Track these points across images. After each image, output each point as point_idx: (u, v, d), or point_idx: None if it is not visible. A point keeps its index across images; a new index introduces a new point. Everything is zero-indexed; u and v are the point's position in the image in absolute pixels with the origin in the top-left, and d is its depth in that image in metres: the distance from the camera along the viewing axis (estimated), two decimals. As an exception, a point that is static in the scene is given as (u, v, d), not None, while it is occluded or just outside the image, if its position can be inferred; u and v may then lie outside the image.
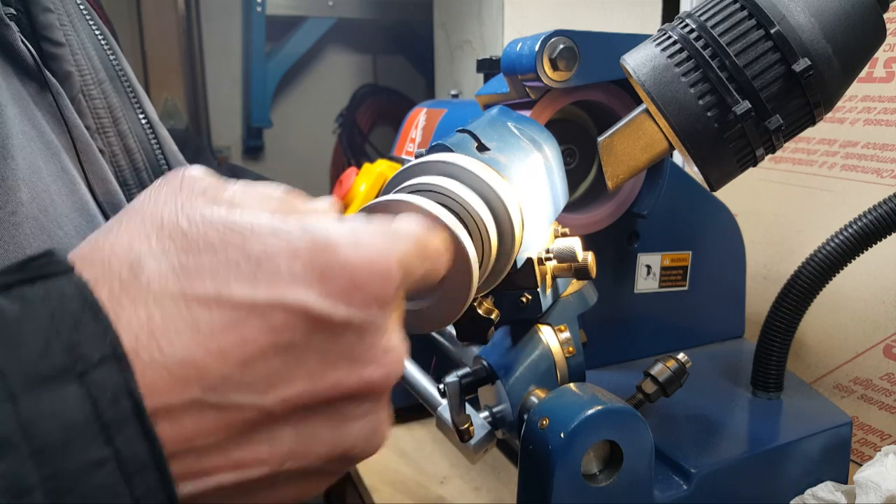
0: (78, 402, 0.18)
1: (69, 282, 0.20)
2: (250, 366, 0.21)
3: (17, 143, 0.38)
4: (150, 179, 0.52)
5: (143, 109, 0.53)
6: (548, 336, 0.46)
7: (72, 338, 0.19)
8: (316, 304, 0.22)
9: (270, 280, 0.21)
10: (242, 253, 0.22)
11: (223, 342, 0.21)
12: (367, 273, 0.23)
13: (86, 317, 0.19)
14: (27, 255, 0.21)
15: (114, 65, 0.52)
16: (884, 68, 0.65)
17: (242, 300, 0.21)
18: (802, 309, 0.53)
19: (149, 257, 0.21)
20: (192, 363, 0.20)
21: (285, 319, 0.21)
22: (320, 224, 0.23)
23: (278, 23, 1.61)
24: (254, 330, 0.21)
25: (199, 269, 0.21)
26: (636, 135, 0.43)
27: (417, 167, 0.35)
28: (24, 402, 0.18)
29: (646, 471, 0.42)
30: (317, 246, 0.22)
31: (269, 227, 0.22)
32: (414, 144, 0.82)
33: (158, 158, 0.53)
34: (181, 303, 0.21)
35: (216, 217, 0.22)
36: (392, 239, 0.25)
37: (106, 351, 0.19)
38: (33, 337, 0.19)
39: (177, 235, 0.22)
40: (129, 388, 0.19)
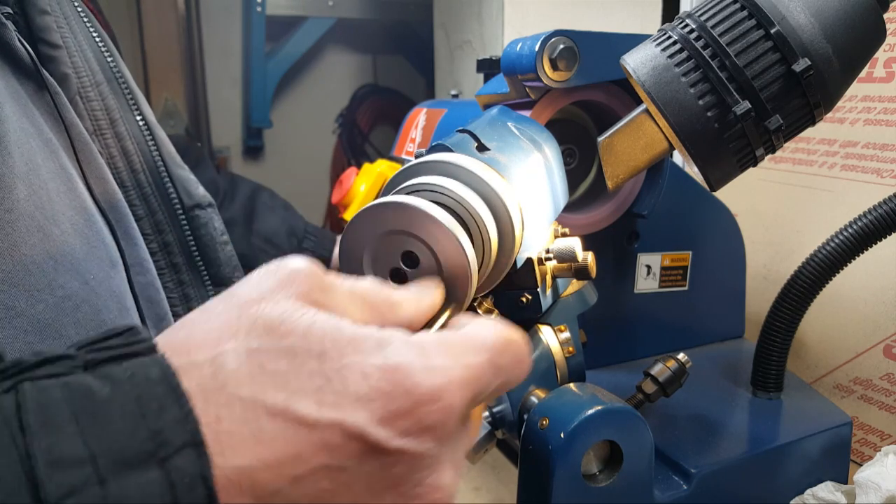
0: (159, 489, 0.19)
1: (155, 364, 0.21)
2: (301, 483, 0.21)
3: (14, 140, 0.38)
4: (148, 181, 0.52)
5: (140, 112, 0.53)
6: (548, 336, 0.46)
7: (156, 423, 0.20)
8: (373, 430, 0.22)
9: (336, 399, 0.22)
10: (318, 366, 0.22)
11: (281, 456, 0.21)
12: (431, 405, 0.23)
13: (169, 401, 0.20)
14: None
15: (111, 67, 0.52)
16: (884, 68, 0.65)
17: (307, 417, 0.21)
18: (802, 309, 0.53)
19: (231, 354, 0.22)
20: (248, 473, 0.21)
21: (342, 441, 0.22)
22: (395, 345, 0.23)
23: (278, 23, 1.61)
24: (311, 448, 0.21)
25: (275, 375, 0.22)
26: (636, 135, 0.43)
27: (417, 167, 0.35)
28: (111, 485, 0.18)
29: (646, 471, 0.42)
30: (386, 368, 0.23)
31: (349, 340, 0.23)
32: (414, 144, 0.82)
33: (156, 161, 0.53)
34: (250, 409, 0.21)
35: (303, 322, 0.23)
36: (462, 357, 0.24)
37: (187, 437, 0.20)
38: (122, 422, 0.19)
39: (264, 335, 0.22)
40: (204, 475, 0.20)
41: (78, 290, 0.39)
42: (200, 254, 0.55)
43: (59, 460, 0.18)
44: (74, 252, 0.39)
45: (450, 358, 0.24)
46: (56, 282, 0.37)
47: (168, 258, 0.53)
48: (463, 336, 0.26)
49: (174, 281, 0.53)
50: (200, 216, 0.55)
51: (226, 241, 0.57)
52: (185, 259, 0.54)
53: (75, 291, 0.38)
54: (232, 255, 0.58)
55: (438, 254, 0.30)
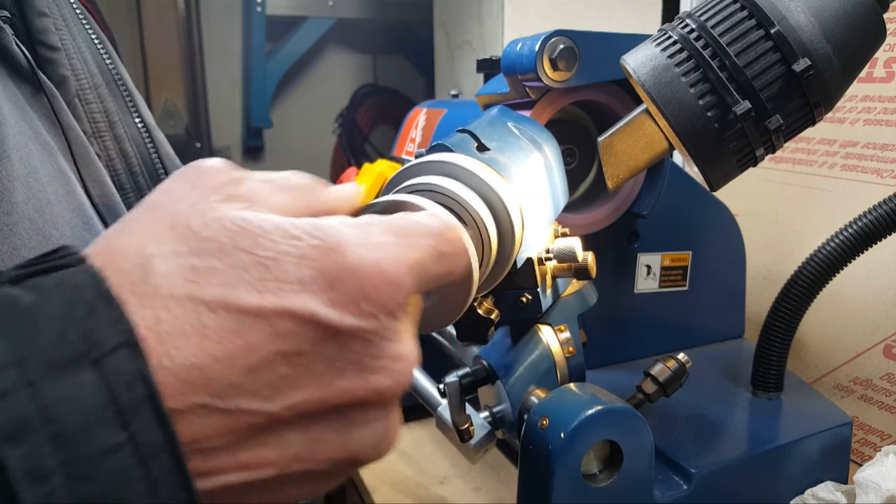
0: (94, 388, 0.18)
1: (83, 271, 0.20)
2: (257, 372, 0.21)
3: (13, 143, 0.38)
4: (147, 183, 0.52)
5: (139, 113, 0.53)
6: (548, 336, 0.46)
7: (87, 324, 0.19)
8: (323, 312, 0.22)
9: (278, 286, 0.21)
10: (251, 257, 0.22)
11: (230, 348, 0.21)
12: (377, 280, 0.22)
13: (99, 304, 0.19)
14: (24, 257, 0.21)
15: (110, 69, 0.52)
16: (884, 68, 0.65)
17: (250, 306, 0.21)
18: (802, 309, 0.53)
19: (159, 258, 0.21)
20: (199, 368, 0.20)
21: (292, 327, 0.21)
22: (331, 225, 0.23)
23: (278, 23, 1.61)
24: (261, 337, 0.21)
25: (209, 273, 0.21)
26: (636, 135, 0.43)
27: (417, 167, 0.35)
28: (42, 387, 0.18)
29: (646, 471, 0.42)
30: (326, 250, 0.22)
31: (279, 229, 0.22)
32: (414, 144, 0.82)
33: (155, 162, 0.53)
34: (189, 307, 0.21)
35: (228, 217, 0.22)
36: (405, 240, 0.24)
37: (120, 338, 0.19)
38: (49, 324, 0.19)
39: (188, 236, 0.22)
40: (143, 374, 0.19)
41: None
42: None
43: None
44: None
45: (391, 236, 0.24)
46: None
47: None
48: (404, 218, 0.25)
49: None
50: None
51: None
52: None
53: None
54: None
55: (438, 254, 0.30)
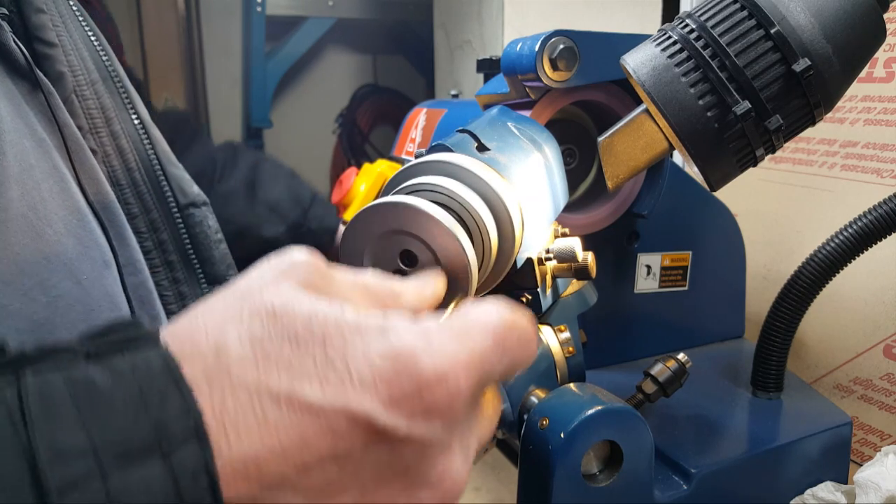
0: (161, 482, 0.19)
1: (157, 355, 0.21)
2: (307, 471, 0.21)
3: (8, 140, 0.38)
4: (143, 180, 0.52)
5: (135, 110, 0.53)
6: (548, 336, 0.46)
7: (159, 415, 0.19)
8: (379, 414, 0.22)
9: (341, 384, 0.22)
10: (322, 350, 0.22)
11: (286, 442, 0.21)
12: (436, 387, 0.22)
13: (172, 393, 0.20)
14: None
15: (106, 66, 0.52)
16: (884, 68, 0.65)
17: (312, 402, 0.21)
18: (802, 309, 0.53)
19: (236, 341, 0.22)
20: (254, 460, 0.20)
21: (348, 427, 0.21)
22: (398, 330, 0.23)
23: (278, 23, 1.61)
24: (317, 434, 0.21)
25: (279, 361, 0.22)
26: (636, 135, 0.43)
27: (417, 167, 0.35)
28: (113, 479, 0.18)
29: (646, 471, 0.42)
30: (389, 352, 0.22)
31: (353, 327, 0.23)
32: (414, 144, 0.82)
33: (151, 159, 0.53)
34: (255, 396, 0.21)
35: (308, 306, 0.23)
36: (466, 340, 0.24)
37: (189, 429, 0.20)
38: (123, 412, 0.19)
39: (267, 320, 0.22)
40: (207, 467, 0.19)
41: (71, 290, 0.39)
42: (195, 252, 0.55)
43: (61, 453, 0.18)
44: (67, 252, 0.39)
45: (454, 341, 0.24)
46: (49, 282, 0.37)
47: (163, 256, 0.53)
48: (466, 320, 0.25)
49: (169, 279, 0.53)
50: (195, 214, 0.55)
51: (220, 239, 0.57)
52: (179, 257, 0.54)
53: (68, 291, 0.38)
54: (226, 253, 0.58)
55: (438, 254, 0.30)
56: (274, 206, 0.80)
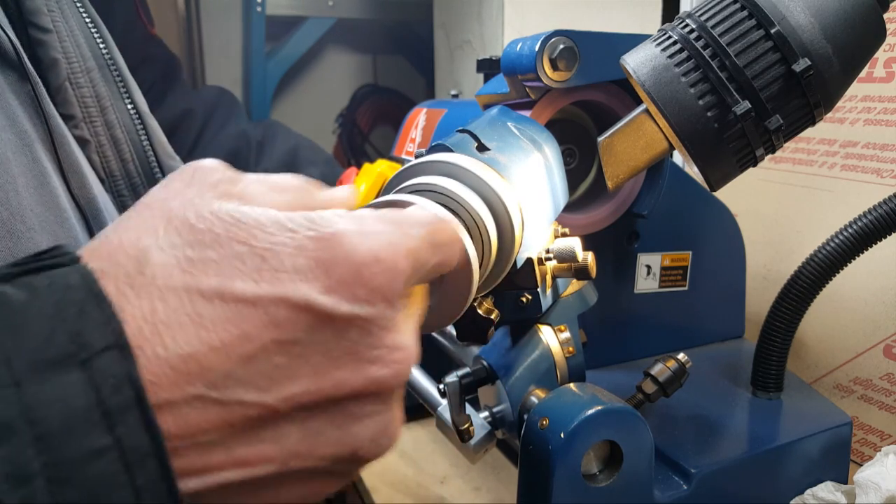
0: (80, 390, 0.18)
1: (75, 271, 0.20)
2: (253, 362, 0.21)
3: None
4: (137, 171, 0.51)
5: (131, 99, 0.52)
6: (548, 336, 0.46)
7: (76, 326, 0.19)
8: (319, 299, 0.21)
9: (274, 275, 0.21)
10: (247, 247, 0.22)
11: (226, 337, 0.20)
12: (373, 267, 0.22)
13: (90, 305, 0.19)
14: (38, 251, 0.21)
15: (103, 54, 0.51)
16: (884, 68, 0.65)
17: (245, 295, 0.21)
18: (802, 309, 0.53)
19: (155, 250, 0.21)
20: (194, 358, 0.20)
21: (288, 315, 0.21)
22: (326, 217, 0.23)
23: (278, 23, 1.61)
24: (256, 325, 0.21)
25: (204, 263, 0.21)
26: (636, 135, 0.43)
27: (417, 167, 0.35)
28: (27, 387, 0.18)
29: (646, 471, 0.42)
30: (321, 239, 0.22)
31: (275, 221, 0.22)
32: (414, 144, 0.82)
33: (146, 149, 0.52)
34: (185, 297, 0.21)
35: (223, 211, 0.22)
36: (400, 228, 0.24)
37: (109, 339, 0.19)
38: (38, 324, 0.19)
39: (184, 229, 0.22)
40: (131, 377, 0.19)
41: None
42: None
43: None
44: (39, 248, 0.39)
45: (388, 227, 0.24)
46: None
47: None
48: (400, 213, 0.25)
49: None
50: None
51: None
52: None
53: None
54: None
55: (438, 254, 0.30)
56: None
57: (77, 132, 0.47)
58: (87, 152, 0.48)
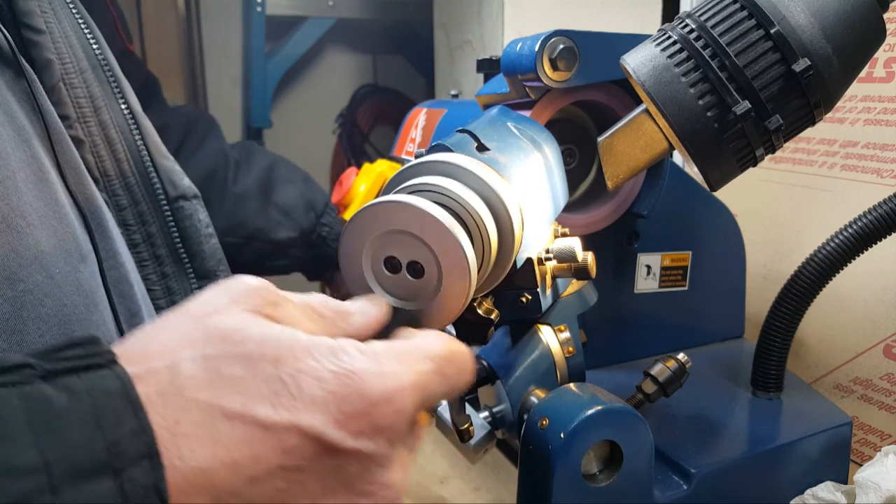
0: (112, 498, 0.19)
1: (113, 375, 0.21)
2: (258, 483, 0.22)
3: None
4: (132, 170, 0.51)
5: (125, 100, 0.52)
6: (548, 336, 0.46)
7: (113, 434, 0.20)
8: (328, 431, 0.23)
9: (292, 402, 0.23)
10: (274, 370, 0.23)
11: (238, 457, 0.22)
12: (383, 407, 0.24)
13: (127, 414, 0.20)
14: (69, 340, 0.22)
15: (97, 55, 0.51)
16: (884, 68, 0.65)
17: (263, 420, 0.22)
18: (802, 309, 0.53)
19: (189, 362, 0.23)
20: (207, 473, 0.21)
21: (297, 443, 0.23)
22: (349, 351, 0.25)
23: (278, 23, 1.60)
24: (267, 449, 0.22)
25: (231, 381, 0.22)
26: (636, 135, 0.43)
27: (417, 167, 0.35)
28: (63, 494, 0.19)
29: (646, 471, 0.42)
30: (340, 375, 0.24)
31: (304, 348, 0.24)
32: (414, 144, 0.82)
33: (140, 149, 0.52)
34: (207, 413, 0.22)
35: (260, 329, 0.24)
36: (412, 364, 0.26)
37: (142, 450, 0.20)
38: (78, 430, 0.20)
39: (219, 341, 0.23)
40: (157, 486, 0.20)
41: (41, 284, 0.38)
42: (184, 245, 0.54)
43: (13, 468, 0.18)
44: (39, 244, 0.39)
45: (401, 364, 0.25)
46: (17, 275, 0.37)
47: (151, 249, 0.52)
48: (412, 345, 0.27)
49: (157, 273, 0.53)
50: (185, 207, 0.54)
51: (211, 233, 0.56)
52: (168, 251, 0.53)
53: (38, 285, 0.38)
54: (217, 248, 0.57)
55: (438, 254, 0.30)
56: (288, 211, 0.79)
57: (72, 132, 0.47)
58: (82, 152, 0.48)
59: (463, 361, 0.29)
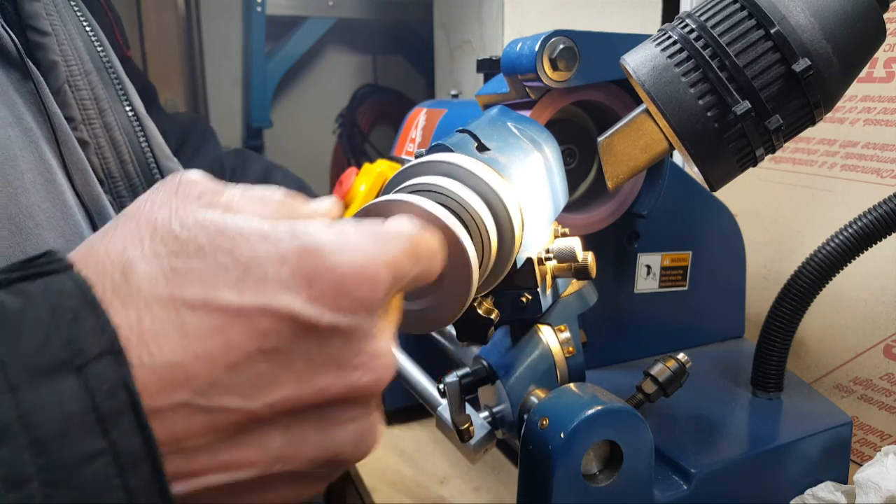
0: (76, 394, 0.19)
1: (69, 278, 0.20)
2: (237, 370, 0.21)
3: None
4: (136, 172, 0.52)
5: (129, 101, 0.52)
6: (548, 336, 0.46)
7: (71, 332, 0.19)
8: (302, 309, 0.22)
9: (257, 285, 0.22)
10: (231, 257, 0.22)
11: (210, 346, 0.21)
12: (355, 277, 0.23)
13: (85, 312, 0.20)
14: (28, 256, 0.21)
15: (101, 56, 0.51)
16: (884, 68, 0.65)
17: (229, 305, 0.21)
18: (802, 309, 0.53)
19: (140, 260, 0.22)
20: (180, 366, 0.20)
21: (271, 324, 0.22)
22: (309, 228, 0.23)
23: (278, 23, 1.61)
24: (240, 334, 0.21)
25: (189, 273, 0.21)
26: (636, 135, 0.43)
27: (417, 167, 0.35)
28: (23, 392, 0.18)
29: (646, 471, 0.42)
30: (304, 250, 0.22)
31: (259, 232, 0.23)
32: (414, 144, 0.82)
33: (144, 151, 0.52)
34: (170, 306, 0.21)
35: (208, 221, 0.23)
36: (382, 241, 0.25)
37: (104, 346, 0.19)
38: (34, 330, 0.19)
39: (169, 239, 0.22)
40: (125, 382, 0.19)
41: None
42: None
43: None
44: (48, 245, 0.39)
45: (370, 240, 0.24)
46: None
47: None
48: (382, 225, 0.26)
49: None
50: None
51: None
52: None
53: None
54: None
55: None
56: None
57: (76, 134, 0.47)
58: (87, 154, 0.48)
59: (433, 243, 0.28)
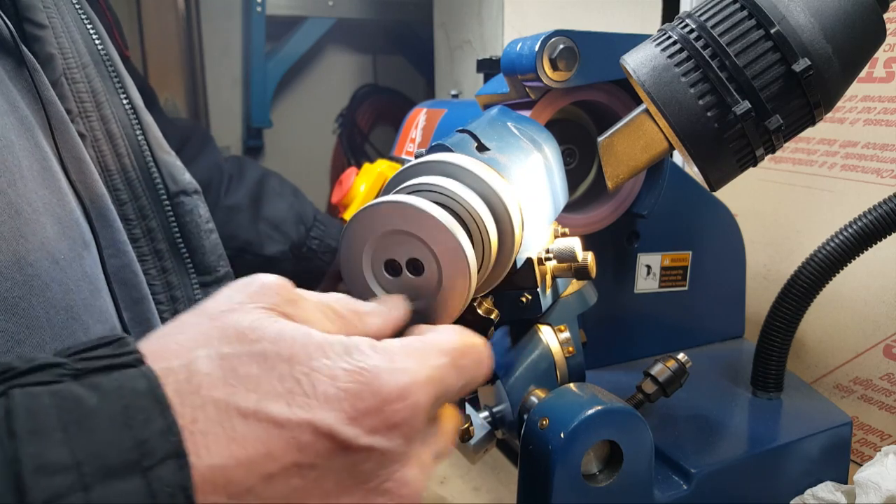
0: (140, 496, 0.20)
1: (141, 375, 0.21)
2: (272, 481, 0.22)
3: None
4: (132, 165, 0.52)
5: (127, 95, 0.52)
6: (548, 336, 0.46)
7: (142, 434, 0.20)
8: (341, 428, 0.23)
9: (306, 400, 0.23)
10: (288, 369, 0.23)
11: (252, 454, 0.22)
12: (397, 403, 0.24)
13: (154, 412, 0.21)
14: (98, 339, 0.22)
15: (99, 50, 0.51)
16: (884, 68, 0.65)
17: (278, 417, 0.22)
18: (802, 309, 0.53)
19: (205, 359, 0.23)
20: (222, 470, 0.21)
21: (311, 440, 0.23)
22: (362, 348, 0.25)
23: (278, 23, 1.61)
24: (282, 446, 0.22)
25: (246, 380, 0.23)
26: (636, 135, 0.43)
27: (417, 167, 0.35)
28: (94, 492, 0.19)
29: (646, 471, 0.42)
30: (353, 372, 0.24)
31: (318, 346, 0.24)
32: (414, 144, 0.82)
33: (141, 144, 0.52)
34: (223, 410, 0.22)
35: (276, 328, 0.24)
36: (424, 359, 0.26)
37: (169, 449, 0.20)
38: (108, 431, 0.20)
39: (235, 339, 0.23)
40: (184, 485, 0.20)
41: (48, 269, 0.39)
42: (184, 241, 0.54)
43: (45, 466, 0.19)
44: (45, 230, 0.39)
45: (414, 360, 0.25)
46: (25, 259, 0.37)
47: (151, 244, 0.52)
48: (426, 340, 0.27)
49: (157, 268, 0.53)
50: (185, 202, 0.54)
51: (211, 228, 0.56)
52: (168, 245, 0.53)
53: (45, 270, 0.38)
54: (217, 243, 0.57)
55: (438, 254, 0.30)
56: (277, 225, 0.80)
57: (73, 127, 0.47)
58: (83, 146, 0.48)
59: (478, 353, 0.29)
